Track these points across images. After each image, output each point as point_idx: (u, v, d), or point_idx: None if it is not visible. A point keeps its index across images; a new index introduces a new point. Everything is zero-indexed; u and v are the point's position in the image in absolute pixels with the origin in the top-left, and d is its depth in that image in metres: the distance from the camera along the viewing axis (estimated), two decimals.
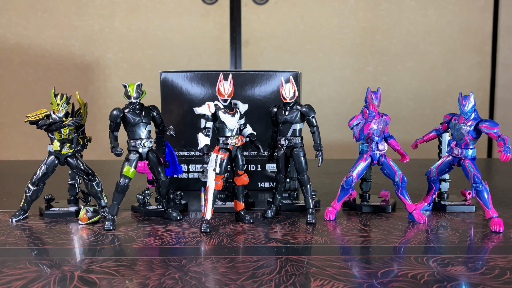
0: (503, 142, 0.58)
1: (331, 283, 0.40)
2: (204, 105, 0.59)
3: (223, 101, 0.59)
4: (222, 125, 0.59)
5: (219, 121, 0.59)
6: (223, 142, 0.59)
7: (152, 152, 0.63)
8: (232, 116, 0.59)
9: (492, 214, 0.59)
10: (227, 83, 0.59)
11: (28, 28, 1.40)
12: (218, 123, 0.59)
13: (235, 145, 0.60)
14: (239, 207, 0.62)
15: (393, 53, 1.45)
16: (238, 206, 0.62)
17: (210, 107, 0.59)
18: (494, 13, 1.44)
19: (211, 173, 0.58)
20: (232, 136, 0.59)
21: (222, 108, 0.59)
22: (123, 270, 0.44)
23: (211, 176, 0.58)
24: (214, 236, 0.55)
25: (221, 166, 0.58)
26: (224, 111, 0.59)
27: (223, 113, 0.59)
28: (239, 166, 0.61)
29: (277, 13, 1.43)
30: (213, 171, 0.58)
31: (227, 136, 0.59)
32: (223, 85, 0.59)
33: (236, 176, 0.62)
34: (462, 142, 0.62)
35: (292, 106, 0.63)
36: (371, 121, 0.62)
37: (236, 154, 0.61)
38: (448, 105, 1.43)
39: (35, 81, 1.41)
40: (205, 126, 0.59)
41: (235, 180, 0.62)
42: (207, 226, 0.56)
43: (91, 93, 1.42)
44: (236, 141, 0.59)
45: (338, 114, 1.45)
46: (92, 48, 1.41)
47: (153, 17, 1.42)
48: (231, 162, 0.61)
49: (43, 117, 0.61)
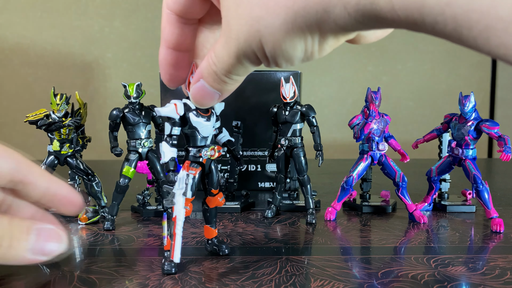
0: (503, 142, 0.58)
1: (331, 283, 0.40)
2: (170, 104, 0.43)
3: None
4: (193, 132, 0.45)
5: (190, 126, 0.44)
6: (195, 155, 0.45)
7: (152, 152, 0.62)
8: (207, 120, 0.45)
9: (493, 214, 0.59)
10: None
11: (28, 28, 1.40)
12: (188, 129, 0.45)
13: (210, 158, 0.46)
14: (211, 235, 0.49)
15: (394, 53, 1.45)
16: (209, 233, 0.49)
17: (177, 108, 0.43)
18: None
19: (180, 198, 0.42)
20: (206, 147, 0.45)
21: (194, 109, 0.44)
22: (122, 270, 0.44)
23: (180, 202, 0.42)
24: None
25: (192, 187, 0.44)
26: (197, 113, 0.44)
27: (195, 116, 0.44)
28: (213, 184, 0.48)
29: None
30: (183, 195, 0.43)
31: (199, 147, 0.45)
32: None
33: (209, 197, 0.48)
34: (463, 142, 0.61)
35: (292, 106, 0.63)
36: (372, 121, 0.62)
37: (210, 168, 0.47)
38: (449, 105, 1.43)
39: (35, 81, 1.41)
40: (171, 133, 0.44)
41: (207, 201, 0.48)
42: (171, 265, 0.42)
43: (90, 93, 1.42)
44: (211, 153, 0.45)
45: (338, 114, 1.45)
46: (92, 48, 1.41)
47: (153, 17, 1.42)
48: (202, 178, 0.47)
49: (43, 117, 0.61)
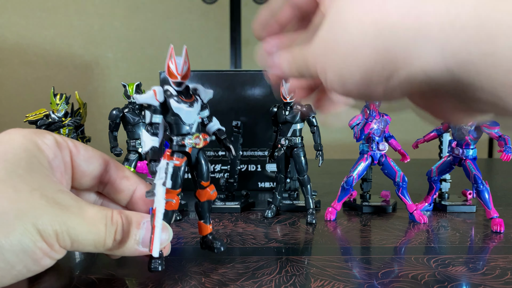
0: (504, 142, 0.58)
1: (331, 284, 0.40)
2: (149, 91, 0.41)
3: (176, 84, 0.42)
4: (176, 119, 0.42)
5: (172, 113, 0.42)
6: (178, 143, 0.43)
7: None
8: (190, 106, 0.42)
9: (493, 214, 0.59)
10: (181, 60, 0.42)
11: (28, 28, 1.40)
12: (171, 116, 0.42)
13: (195, 146, 0.43)
14: (204, 231, 0.47)
15: None
16: (203, 230, 0.47)
17: (156, 94, 0.41)
18: None
19: (160, 189, 0.39)
20: (190, 135, 0.43)
21: (175, 94, 0.42)
22: (122, 270, 0.43)
23: (160, 192, 0.39)
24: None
25: (174, 177, 0.41)
26: (178, 99, 0.42)
27: (176, 102, 0.42)
28: (202, 175, 0.45)
29: None
30: (162, 185, 0.40)
31: (183, 135, 0.43)
32: (175, 62, 0.42)
33: (199, 189, 0.45)
34: (463, 142, 0.61)
35: (292, 106, 0.63)
36: (372, 121, 0.62)
37: (198, 159, 0.44)
38: None
39: (35, 80, 1.41)
40: (151, 121, 0.42)
41: (197, 194, 0.46)
42: (158, 263, 0.40)
43: (90, 92, 1.42)
44: (196, 141, 0.43)
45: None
46: (92, 48, 1.41)
47: (153, 17, 1.42)
48: (191, 170, 0.45)
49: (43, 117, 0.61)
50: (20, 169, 0.33)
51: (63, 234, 0.33)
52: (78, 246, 0.34)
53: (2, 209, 0.31)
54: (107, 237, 0.36)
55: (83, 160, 0.41)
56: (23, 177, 0.33)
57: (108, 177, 0.43)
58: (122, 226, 0.37)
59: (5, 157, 0.34)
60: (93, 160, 0.42)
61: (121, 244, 0.37)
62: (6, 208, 0.31)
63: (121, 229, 0.37)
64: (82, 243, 0.34)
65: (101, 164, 0.42)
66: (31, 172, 0.34)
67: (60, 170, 0.39)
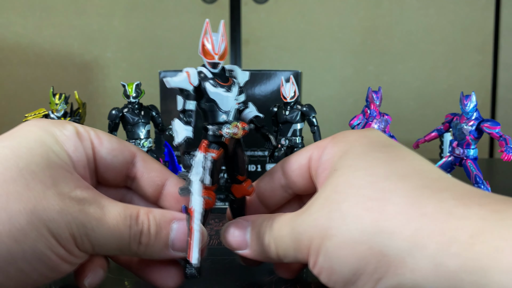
0: (504, 142, 0.58)
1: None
2: (182, 73, 0.36)
3: (212, 66, 0.36)
4: (212, 106, 0.37)
5: (207, 98, 0.36)
6: (214, 133, 0.37)
7: (151, 152, 0.62)
8: (228, 91, 0.36)
9: None
10: (218, 36, 0.35)
11: (27, 27, 1.39)
12: (206, 103, 0.37)
13: (234, 136, 0.37)
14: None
15: (394, 53, 1.45)
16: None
17: (190, 76, 0.36)
18: (496, 12, 1.44)
19: (197, 185, 0.34)
20: (228, 123, 0.37)
21: (211, 77, 0.36)
22: (122, 270, 0.43)
23: (197, 189, 0.34)
24: (214, 237, 0.54)
25: (212, 172, 0.35)
26: (215, 82, 0.36)
27: (212, 86, 0.36)
28: (239, 169, 0.39)
29: (278, 12, 1.43)
30: (200, 181, 0.34)
31: (220, 123, 0.37)
32: (211, 39, 0.35)
33: (235, 184, 0.40)
34: (464, 142, 0.61)
35: (292, 106, 0.62)
36: (372, 121, 0.62)
37: (235, 151, 0.39)
38: (450, 105, 1.42)
39: (34, 80, 1.41)
40: (184, 108, 0.36)
41: (233, 190, 0.40)
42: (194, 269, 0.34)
43: (90, 92, 1.42)
44: (235, 131, 0.36)
45: (339, 114, 1.45)
46: (91, 47, 1.41)
47: (152, 16, 1.41)
48: (226, 163, 0.39)
49: (42, 117, 0.61)
50: (34, 165, 0.30)
51: (82, 237, 0.30)
52: (101, 249, 0.31)
53: (12, 212, 0.27)
54: (132, 240, 0.32)
55: (106, 153, 0.36)
56: (36, 174, 0.29)
57: (135, 170, 0.38)
58: (148, 227, 0.32)
59: (18, 152, 0.30)
60: (118, 153, 0.37)
61: (149, 247, 0.32)
62: (17, 211, 0.28)
63: (148, 231, 0.32)
64: (105, 247, 0.31)
65: (127, 157, 0.37)
66: (47, 168, 0.30)
67: (82, 164, 0.34)
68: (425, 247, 0.23)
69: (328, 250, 0.27)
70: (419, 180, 0.27)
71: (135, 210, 0.33)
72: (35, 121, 0.34)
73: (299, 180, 0.37)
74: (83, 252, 0.30)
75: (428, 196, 0.25)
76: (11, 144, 0.31)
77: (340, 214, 0.27)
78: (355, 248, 0.25)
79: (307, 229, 0.29)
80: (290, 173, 0.38)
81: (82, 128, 0.36)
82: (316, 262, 0.28)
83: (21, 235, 0.27)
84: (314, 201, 0.30)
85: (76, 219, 0.29)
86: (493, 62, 1.47)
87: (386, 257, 0.24)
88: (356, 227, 0.26)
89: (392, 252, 0.24)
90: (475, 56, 1.45)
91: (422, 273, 0.23)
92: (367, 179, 0.28)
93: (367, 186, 0.27)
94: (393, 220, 0.25)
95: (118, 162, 0.37)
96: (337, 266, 0.27)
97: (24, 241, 0.27)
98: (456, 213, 0.24)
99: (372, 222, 0.25)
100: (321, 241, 0.28)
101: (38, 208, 0.28)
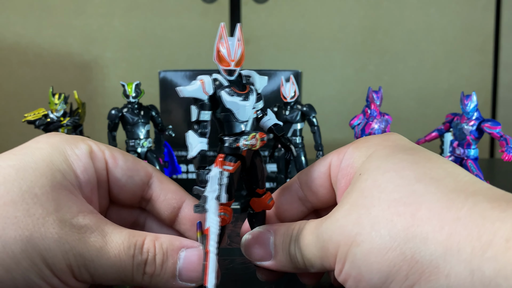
0: (505, 142, 0.58)
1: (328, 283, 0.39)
2: (196, 81, 0.33)
3: (228, 73, 0.34)
4: (228, 116, 0.34)
5: (223, 108, 0.34)
6: (231, 145, 0.34)
7: (151, 152, 0.62)
8: (245, 99, 0.34)
9: None
10: (234, 41, 0.33)
11: (26, 27, 1.39)
12: (221, 112, 0.34)
13: (251, 148, 0.34)
14: None
15: (395, 52, 1.45)
16: None
17: (205, 85, 0.33)
18: (497, 12, 1.44)
19: (213, 204, 0.32)
20: (245, 134, 0.34)
21: (227, 85, 0.34)
22: None
23: (213, 208, 0.32)
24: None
25: (229, 187, 0.33)
26: (231, 90, 0.33)
27: (228, 95, 0.33)
28: (257, 182, 0.36)
29: (278, 11, 1.43)
30: (216, 199, 0.32)
31: (236, 134, 0.34)
32: (226, 44, 0.33)
33: (255, 198, 0.37)
34: (464, 142, 0.61)
35: (292, 106, 0.62)
36: (373, 121, 0.62)
37: (253, 162, 0.36)
38: (450, 105, 1.42)
39: (33, 80, 1.41)
40: (199, 119, 0.33)
41: (252, 204, 0.37)
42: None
43: (89, 92, 1.42)
44: (252, 142, 0.34)
45: (339, 114, 1.44)
46: (91, 47, 1.41)
47: (152, 16, 1.41)
48: (244, 175, 0.36)
49: (41, 117, 0.61)
50: (37, 188, 0.28)
51: (80, 268, 0.28)
52: (101, 280, 0.29)
53: (7, 238, 0.26)
54: (134, 270, 0.30)
55: (121, 174, 0.34)
56: (39, 197, 0.28)
57: (151, 192, 0.36)
58: (154, 256, 0.30)
59: (23, 173, 0.29)
60: (133, 173, 0.35)
61: (154, 277, 0.30)
62: (12, 238, 0.26)
63: (153, 260, 0.30)
64: (105, 278, 0.29)
65: (143, 178, 0.35)
66: (51, 191, 0.29)
67: (91, 186, 0.33)
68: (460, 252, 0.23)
69: (356, 257, 0.26)
70: (452, 183, 0.26)
71: (141, 238, 0.30)
72: (47, 137, 0.33)
73: (319, 190, 0.36)
74: (81, 283, 0.29)
75: (462, 200, 0.25)
76: (17, 163, 0.29)
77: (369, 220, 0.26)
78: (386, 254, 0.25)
79: (333, 236, 0.28)
80: (309, 183, 0.36)
81: (96, 146, 0.34)
82: (343, 269, 0.27)
83: (13, 263, 0.26)
84: (339, 207, 0.29)
85: (74, 249, 0.28)
86: (494, 62, 1.47)
87: (419, 263, 0.24)
88: (387, 232, 0.25)
89: (426, 258, 0.24)
90: (476, 56, 1.45)
91: (457, 279, 0.23)
92: (397, 182, 0.27)
93: (397, 189, 0.27)
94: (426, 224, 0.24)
95: (133, 183, 0.35)
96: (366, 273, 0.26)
97: (15, 270, 0.26)
98: (491, 216, 0.23)
99: (404, 227, 0.25)
100: (348, 248, 0.27)
101: (35, 236, 0.27)
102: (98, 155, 0.34)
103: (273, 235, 0.34)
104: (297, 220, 0.36)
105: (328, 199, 0.36)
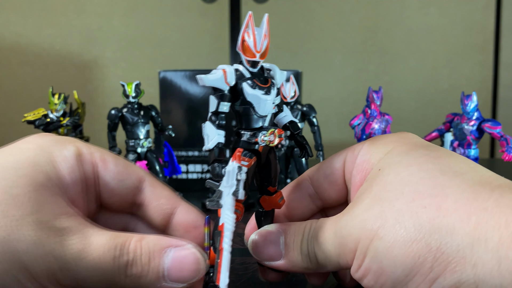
0: (505, 142, 0.58)
1: (332, 283, 0.39)
2: (217, 70, 0.31)
3: (252, 64, 0.32)
4: (247, 109, 0.32)
5: (243, 100, 0.32)
6: (249, 140, 0.33)
7: (150, 152, 0.62)
8: (267, 93, 0.32)
9: None
10: (261, 32, 0.32)
11: (26, 27, 1.39)
12: (241, 105, 0.32)
13: (269, 144, 0.33)
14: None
15: (395, 52, 1.45)
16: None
17: (227, 75, 0.31)
18: (497, 11, 1.43)
19: (229, 199, 0.30)
20: (264, 129, 0.33)
21: (249, 77, 0.32)
22: None
23: (229, 204, 0.30)
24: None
25: (246, 184, 0.31)
26: (253, 83, 0.32)
27: (250, 87, 0.32)
28: (270, 179, 0.35)
29: (278, 11, 1.42)
30: (232, 195, 0.30)
31: (255, 129, 0.33)
32: (253, 34, 0.31)
33: (265, 196, 0.36)
34: (465, 142, 0.61)
35: (292, 106, 0.62)
36: (373, 121, 0.62)
37: (268, 159, 0.35)
38: (451, 105, 1.42)
39: (33, 80, 1.41)
40: (217, 110, 0.31)
41: (261, 201, 0.36)
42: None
43: (89, 92, 1.42)
44: (270, 138, 0.33)
45: (339, 114, 1.44)
46: (90, 47, 1.40)
47: (152, 16, 1.41)
48: (257, 172, 0.35)
49: (41, 117, 0.61)
50: (18, 189, 0.27)
51: (62, 271, 0.27)
52: (86, 283, 0.28)
53: None
54: (118, 272, 0.28)
55: (111, 177, 0.33)
56: (18, 198, 0.27)
57: (142, 197, 0.35)
58: (140, 256, 0.29)
59: (4, 174, 0.28)
60: (124, 177, 0.34)
61: (140, 279, 0.29)
62: None
63: (138, 260, 0.29)
64: (89, 281, 0.28)
65: (134, 182, 0.34)
66: (32, 192, 0.27)
67: (77, 188, 0.32)
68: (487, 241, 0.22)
69: (377, 250, 0.26)
70: (476, 176, 0.26)
71: (127, 238, 0.29)
72: (36, 138, 0.32)
73: (332, 187, 0.35)
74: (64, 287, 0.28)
75: (488, 191, 0.25)
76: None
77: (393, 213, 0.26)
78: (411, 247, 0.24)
79: (353, 231, 0.28)
80: (322, 179, 0.36)
81: (86, 149, 0.33)
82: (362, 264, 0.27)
83: None
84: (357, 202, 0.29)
85: (54, 251, 0.26)
86: (494, 62, 1.47)
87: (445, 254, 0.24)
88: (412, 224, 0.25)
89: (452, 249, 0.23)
90: (476, 56, 1.45)
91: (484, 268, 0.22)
92: (421, 175, 0.27)
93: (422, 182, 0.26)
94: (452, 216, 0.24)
95: (124, 187, 0.34)
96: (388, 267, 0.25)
97: None
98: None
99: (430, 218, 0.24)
100: (370, 242, 0.26)
101: (12, 238, 0.25)
102: (87, 157, 0.33)
103: (283, 234, 0.33)
104: (305, 219, 0.36)
105: (339, 197, 0.36)
